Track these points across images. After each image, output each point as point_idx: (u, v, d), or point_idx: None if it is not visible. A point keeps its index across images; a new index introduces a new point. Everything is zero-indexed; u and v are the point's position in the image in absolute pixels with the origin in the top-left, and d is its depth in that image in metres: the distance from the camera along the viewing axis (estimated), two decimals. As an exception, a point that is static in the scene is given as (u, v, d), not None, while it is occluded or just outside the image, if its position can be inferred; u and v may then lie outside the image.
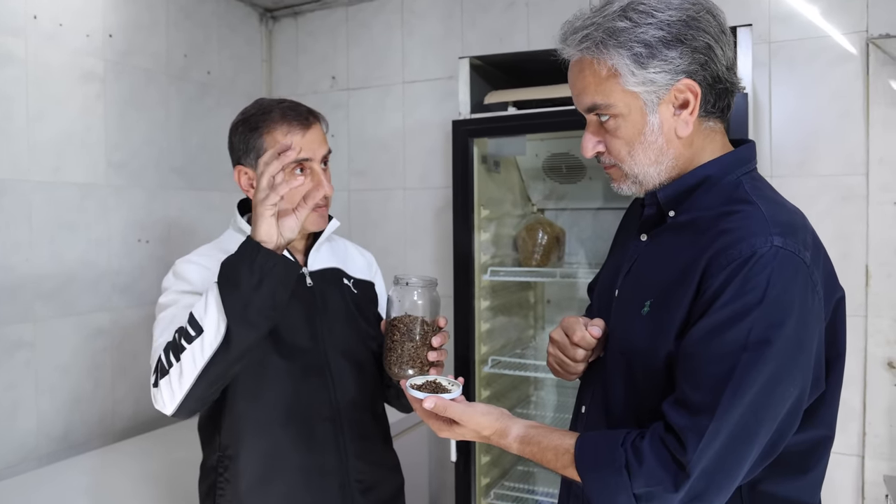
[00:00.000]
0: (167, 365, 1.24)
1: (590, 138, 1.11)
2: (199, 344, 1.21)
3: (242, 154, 1.43)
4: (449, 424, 1.12)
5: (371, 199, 2.98)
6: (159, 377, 1.26)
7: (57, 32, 2.21)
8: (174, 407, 1.26)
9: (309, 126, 1.42)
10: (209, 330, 1.21)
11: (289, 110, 1.41)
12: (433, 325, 1.29)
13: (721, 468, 0.94)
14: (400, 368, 1.26)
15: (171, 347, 1.25)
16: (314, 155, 1.41)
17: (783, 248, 0.95)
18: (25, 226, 2.13)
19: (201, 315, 1.22)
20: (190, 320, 1.23)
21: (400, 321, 1.27)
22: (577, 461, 1.01)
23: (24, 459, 2.13)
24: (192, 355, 1.22)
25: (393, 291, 1.29)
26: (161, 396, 1.26)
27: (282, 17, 3.15)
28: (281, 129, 1.39)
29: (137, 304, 2.49)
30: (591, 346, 1.15)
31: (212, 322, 1.21)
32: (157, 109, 2.58)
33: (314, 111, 1.46)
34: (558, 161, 2.46)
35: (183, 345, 1.22)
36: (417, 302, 1.27)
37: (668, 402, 0.98)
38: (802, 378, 0.96)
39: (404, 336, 1.26)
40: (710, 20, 1.03)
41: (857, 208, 2.19)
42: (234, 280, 1.21)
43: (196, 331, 1.22)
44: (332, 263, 1.55)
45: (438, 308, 1.31)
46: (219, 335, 1.21)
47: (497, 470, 2.50)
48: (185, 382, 1.23)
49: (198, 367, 1.22)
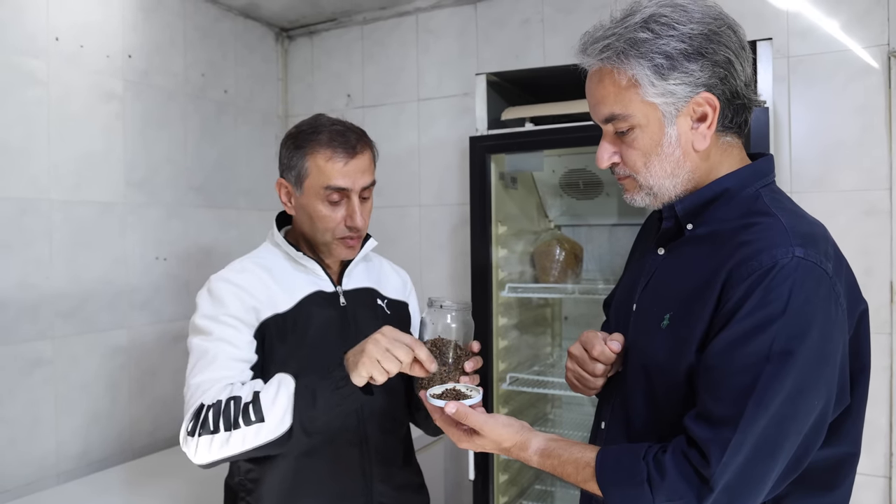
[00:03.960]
0: (213, 426, 1.23)
1: (606, 148, 1.10)
2: (255, 430, 1.22)
3: (285, 168, 1.42)
4: (469, 435, 1.11)
5: (387, 216, 2.99)
6: (200, 430, 1.24)
7: (78, 54, 2.25)
8: (206, 462, 1.27)
9: (354, 156, 1.39)
10: (270, 423, 1.21)
11: (337, 136, 1.39)
12: (466, 350, 1.26)
13: (744, 482, 0.92)
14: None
15: (222, 414, 1.23)
16: (353, 185, 1.39)
17: (805, 258, 0.93)
18: (46, 244, 2.15)
19: (268, 406, 1.22)
20: (253, 403, 1.23)
21: (433, 344, 1.24)
22: (598, 475, 1.00)
23: (44, 477, 2.13)
24: (244, 436, 1.22)
25: (427, 314, 1.27)
26: (195, 447, 1.26)
27: (297, 36, 3.18)
28: (324, 153, 1.37)
29: (156, 322, 2.50)
30: (610, 361, 1.14)
31: (276, 418, 1.21)
32: (175, 128, 2.61)
33: (365, 138, 1.43)
34: (575, 177, 2.45)
35: (239, 422, 1.22)
36: (451, 325, 1.25)
37: (690, 416, 0.96)
38: (827, 390, 0.94)
39: (437, 360, 1.23)
40: (731, 35, 1.02)
41: (880, 224, 2.16)
42: (313, 397, 1.22)
43: (257, 417, 1.21)
44: (367, 283, 1.54)
45: (472, 332, 1.28)
46: (278, 431, 1.22)
47: (515, 489, 2.47)
48: (227, 451, 1.24)
49: (247, 447, 1.23)
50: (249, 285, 1.38)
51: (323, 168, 1.37)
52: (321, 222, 1.40)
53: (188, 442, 1.26)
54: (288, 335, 1.38)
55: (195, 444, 1.25)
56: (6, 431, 2.04)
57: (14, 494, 2.03)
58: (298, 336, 1.38)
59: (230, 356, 1.31)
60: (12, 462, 2.05)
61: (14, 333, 2.06)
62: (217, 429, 1.22)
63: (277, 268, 1.44)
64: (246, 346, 1.34)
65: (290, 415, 1.21)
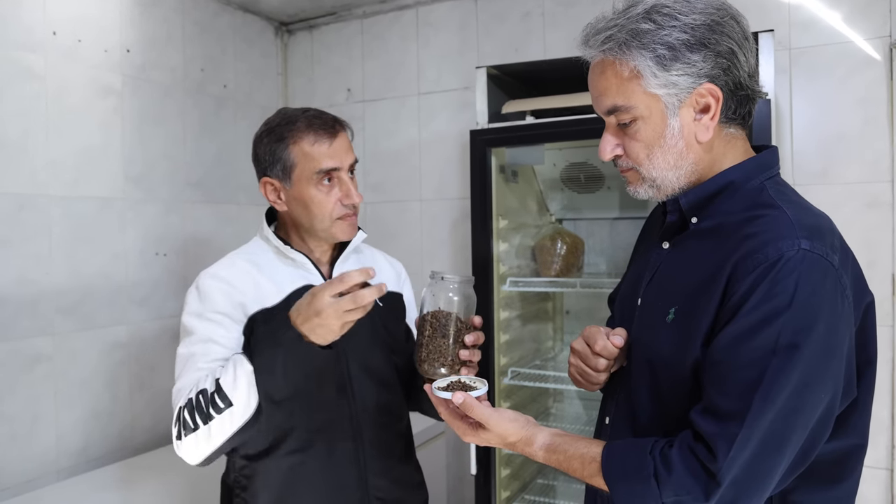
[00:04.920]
0: (192, 424, 1.25)
1: (608, 140, 1.09)
2: (228, 415, 1.23)
3: (268, 166, 1.41)
4: (474, 429, 1.10)
5: (387, 210, 2.98)
6: (183, 432, 1.26)
7: (75, 48, 2.23)
8: (199, 461, 1.29)
9: (336, 135, 1.40)
10: (238, 404, 1.23)
11: (314, 119, 1.40)
12: (467, 323, 1.24)
13: (752, 476, 0.92)
14: (430, 365, 1.21)
15: (196, 410, 1.25)
16: (342, 164, 1.40)
17: (811, 251, 0.92)
18: (45, 240, 2.14)
19: (230, 388, 1.23)
20: (217, 390, 1.23)
21: (433, 316, 1.22)
22: (605, 470, 0.99)
23: (44, 473, 2.13)
24: (220, 424, 1.23)
25: (428, 286, 1.25)
26: (186, 450, 1.28)
27: (297, 30, 3.16)
28: (307, 138, 1.38)
29: (155, 318, 2.50)
30: (612, 356, 1.13)
31: (241, 397, 1.22)
32: (174, 123, 2.60)
33: (340, 119, 1.45)
34: (576, 171, 2.44)
35: (211, 413, 1.23)
36: (452, 298, 1.23)
37: (696, 411, 0.95)
38: (833, 383, 0.94)
39: (436, 332, 1.21)
40: (734, 26, 1.02)
41: (882, 216, 2.15)
42: (271, 366, 1.22)
43: (224, 403, 1.22)
44: None
45: (474, 306, 1.26)
46: (248, 410, 1.23)
47: (517, 483, 2.47)
48: (213, 443, 1.26)
49: (226, 434, 1.25)
50: (237, 280, 1.39)
51: (309, 153, 1.38)
52: (317, 207, 1.40)
53: (179, 447, 1.29)
54: None
55: (185, 445, 1.27)
56: (6, 428, 2.03)
57: (14, 491, 2.02)
58: None
59: (211, 357, 1.32)
60: (12, 459, 2.04)
61: (13, 329, 2.05)
62: (196, 425, 1.24)
63: (266, 262, 1.44)
64: (231, 343, 1.35)
65: (254, 392, 1.22)
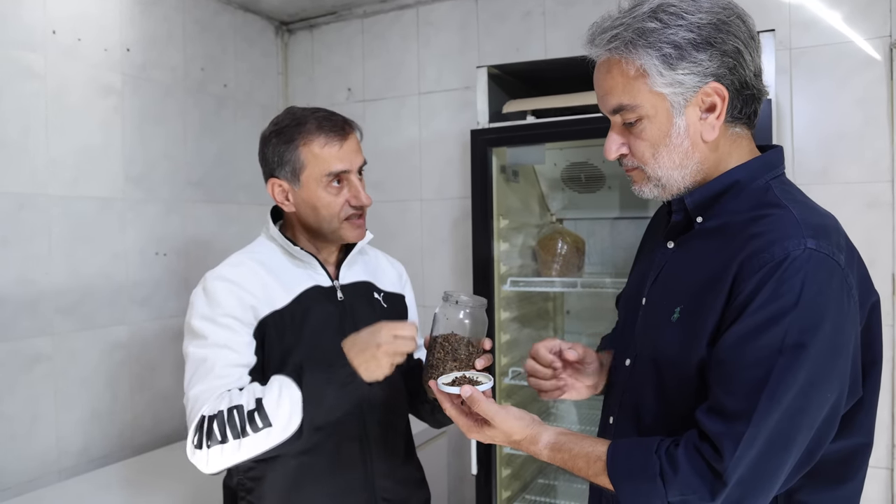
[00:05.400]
0: (220, 437, 1.23)
1: (614, 139, 1.09)
2: (265, 435, 1.22)
3: (277, 167, 1.40)
4: (479, 426, 1.11)
5: (387, 210, 2.97)
6: (208, 441, 1.24)
7: (75, 47, 2.23)
8: (218, 471, 1.28)
9: (346, 137, 1.40)
10: (278, 426, 1.22)
11: (325, 121, 1.39)
12: (478, 347, 1.25)
13: (758, 476, 0.92)
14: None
15: (228, 424, 1.23)
16: (352, 166, 1.40)
17: (817, 250, 0.92)
18: (45, 239, 2.13)
19: (272, 409, 1.22)
20: (258, 409, 1.23)
21: (445, 339, 1.23)
22: (610, 469, 1.00)
23: (44, 473, 2.12)
24: (255, 442, 1.22)
25: (441, 308, 1.26)
26: (206, 459, 1.25)
27: (298, 29, 3.16)
28: (318, 140, 1.37)
29: (156, 318, 2.49)
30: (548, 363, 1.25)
31: (282, 420, 1.22)
32: (174, 122, 2.59)
33: (349, 120, 1.44)
34: (577, 170, 2.44)
35: (247, 430, 1.22)
36: (464, 321, 1.24)
37: (702, 410, 0.95)
38: (839, 382, 0.94)
39: (448, 355, 1.22)
40: (740, 25, 1.02)
41: (882, 216, 2.16)
42: (319, 397, 1.24)
43: (264, 423, 1.22)
44: (364, 277, 1.53)
45: (485, 330, 1.28)
46: (287, 431, 1.23)
47: (518, 483, 2.47)
48: (240, 457, 1.24)
49: (258, 451, 1.24)
50: (246, 282, 1.36)
51: (320, 155, 1.37)
52: (326, 209, 1.40)
53: (197, 454, 1.26)
54: (286, 331, 1.37)
55: (205, 455, 1.24)
56: (6, 428, 2.03)
57: (15, 491, 2.02)
58: (296, 332, 1.37)
59: (228, 362, 1.30)
60: (13, 459, 2.04)
61: (13, 329, 2.05)
62: (225, 438, 1.22)
63: (274, 263, 1.43)
64: (244, 349, 1.33)
65: (297, 417, 1.22)
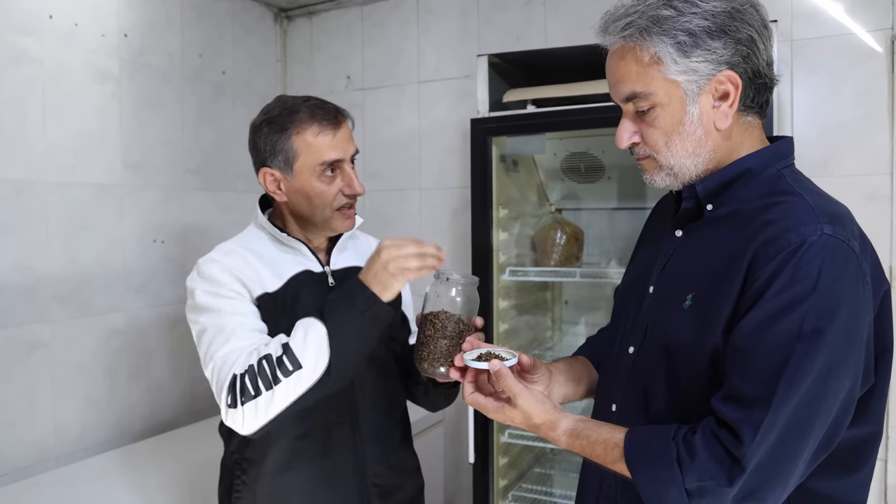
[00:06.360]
0: (253, 391, 1.22)
1: (626, 127, 1.09)
2: (296, 378, 1.22)
3: (269, 156, 1.39)
4: (501, 405, 1.11)
5: (386, 199, 2.97)
6: (241, 399, 1.23)
7: (72, 32, 2.21)
8: (256, 428, 1.25)
9: (339, 126, 1.39)
10: (307, 366, 1.22)
11: (317, 109, 1.38)
12: (469, 325, 1.26)
13: (775, 462, 0.92)
14: (430, 365, 1.24)
15: (259, 375, 1.22)
16: (345, 155, 1.40)
17: (833, 236, 0.93)
18: (42, 226, 2.12)
19: (300, 351, 1.22)
20: (285, 352, 1.22)
21: (435, 317, 1.24)
22: (627, 456, 1.00)
23: (42, 460, 2.12)
24: (286, 388, 1.22)
25: (432, 286, 1.26)
26: (242, 417, 1.24)
27: (297, 16, 3.14)
28: (311, 129, 1.36)
29: (153, 305, 2.48)
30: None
31: (311, 358, 1.22)
32: (172, 109, 2.58)
33: (341, 109, 1.43)
34: (577, 160, 2.44)
35: (278, 376, 1.21)
36: (455, 299, 1.25)
37: (718, 398, 0.95)
38: (855, 369, 0.94)
39: (438, 332, 1.23)
40: (754, 13, 1.02)
41: (881, 209, 2.16)
42: (343, 328, 1.23)
43: (294, 365, 1.22)
44: (355, 262, 1.53)
45: (476, 308, 1.28)
46: (317, 371, 1.22)
47: (515, 472, 2.48)
48: (274, 409, 1.23)
49: (291, 398, 1.23)
50: (237, 267, 1.37)
51: (313, 144, 1.37)
52: (319, 199, 1.39)
53: (232, 415, 1.24)
54: (278, 315, 1.37)
55: (241, 414, 1.23)
56: (4, 415, 2.02)
57: (12, 478, 2.01)
58: (288, 316, 1.37)
59: (247, 327, 1.31)
60: (10, 445, 2.03)
61: (11, 316, 2.04)
62: (258, 391, 1.22)
63: (264, 250, 1.43)
64: (255, 316, 1.34)
65: (324, 353, 1.22)
